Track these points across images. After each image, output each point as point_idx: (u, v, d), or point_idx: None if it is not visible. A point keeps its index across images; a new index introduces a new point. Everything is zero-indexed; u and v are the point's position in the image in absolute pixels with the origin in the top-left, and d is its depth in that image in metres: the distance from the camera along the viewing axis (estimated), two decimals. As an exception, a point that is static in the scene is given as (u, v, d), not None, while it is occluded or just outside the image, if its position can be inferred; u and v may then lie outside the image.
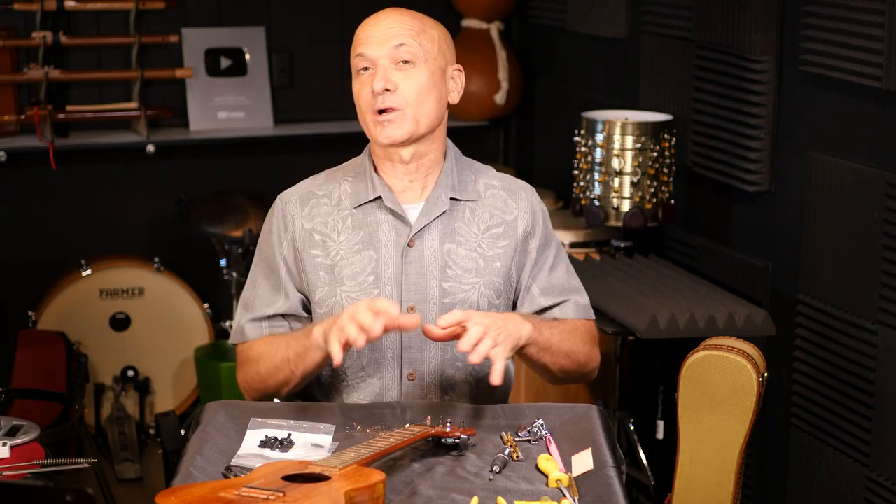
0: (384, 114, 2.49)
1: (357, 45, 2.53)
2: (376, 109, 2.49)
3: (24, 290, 4.72)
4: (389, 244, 2.54)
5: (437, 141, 2.57)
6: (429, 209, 2.55)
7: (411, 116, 2.50)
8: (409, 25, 2.52)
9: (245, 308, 2.61)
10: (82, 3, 4.66)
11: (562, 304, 2.63)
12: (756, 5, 3.63)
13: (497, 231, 2.59)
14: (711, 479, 2.91)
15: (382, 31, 2.51)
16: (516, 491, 2.14)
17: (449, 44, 2.59)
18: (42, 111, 4.55)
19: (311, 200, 2.59)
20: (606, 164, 3.87)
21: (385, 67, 2.49)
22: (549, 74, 4.99)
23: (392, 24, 2.52)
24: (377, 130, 2.51)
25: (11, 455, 2.70)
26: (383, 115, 2.49)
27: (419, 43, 2.51)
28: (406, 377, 2.54)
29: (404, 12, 2.56)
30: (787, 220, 3.63)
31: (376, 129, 2.51)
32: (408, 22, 2.53)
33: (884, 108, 3.23)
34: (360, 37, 2.54)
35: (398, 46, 2.49)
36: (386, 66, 2.49)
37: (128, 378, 4.65)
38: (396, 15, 2.54)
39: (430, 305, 2.53)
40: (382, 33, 2.51)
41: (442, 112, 2.56)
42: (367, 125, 2.53)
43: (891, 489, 3.23)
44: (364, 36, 2.52)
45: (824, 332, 3.47)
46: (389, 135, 2.50)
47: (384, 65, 2.49)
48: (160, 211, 4.92)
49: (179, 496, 1.94)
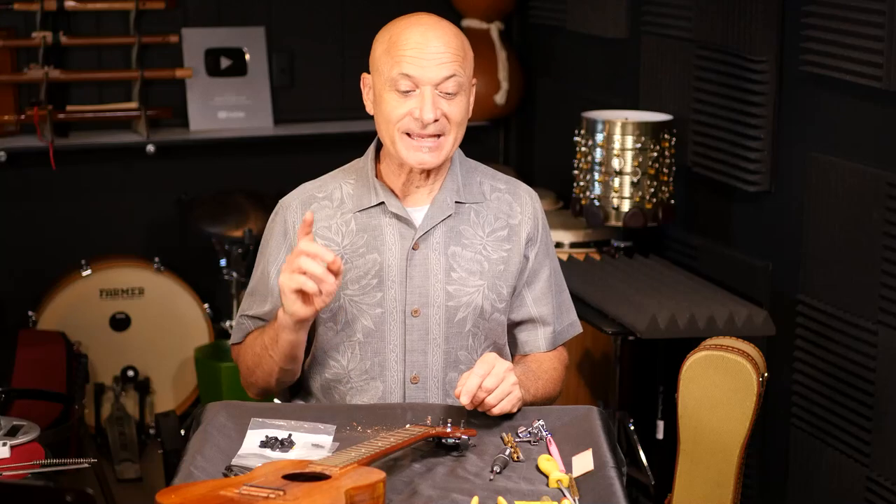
0: (424, 139, 2.46)
1: (401, 61, 2.43)
2: (414, 133, 2.45)
3: (24, 290, 4.72)
4: (394, 247, 2.53)
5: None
6: (434, 213, 2.54)
7: (450, 143, 2.48)
8: (457, 51, 2.45)
9: (240, 313, 2.63)
10: (82, 3, 4.66)
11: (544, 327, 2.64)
12: (756, 5, 3.63)
13: (502, 234, 2.58)
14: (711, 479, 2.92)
15: (433, 55, 2.43)
16: (517, 491, 2.14)
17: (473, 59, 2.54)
18: (42, 111, 4.55)
19: (312, 204, 2.57)
20: (606, 164, 3.87)
21: (433, 96, 2.43)
22: (549, 74, 4.99)
23: (442, 50, 2.43)
24: (409, 153, 2.46)
25: (11, 455, 2.70)
26: (422, 140, 2.46)
27: (464, 70, 2.46)
28: (409, 380, 2.54)
29: (447, 29, 2.47)
30: (787, 220, 3.63)
31: (409, 151, 2.46)
32: (455, 46, 2.45)
33: (884, 108, 3.23)
34: (405, 53, 2.44)
35: (448, 78, 2.43)
36: (434, 95, 2.44)
37: (128, 378, 4.65)
38: (443, 34, 2.45)
39: (434, 308, 2.53)
40: (433, 57, 2.43)
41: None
42: (395, 142, 2.47)
43: (891, 489, 3.23)
44: (412, 55, 2.43)
45: (824, 332, 3.47)
46: (423, 161, 2.46)
47: (431, 93, 2.43)
48: (160, 211, 4.92)
49: (180, 494, 1.94)
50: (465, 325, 2.54)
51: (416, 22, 2.48)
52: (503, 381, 2.35)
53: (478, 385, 2.32)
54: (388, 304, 2.52)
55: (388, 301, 2.51)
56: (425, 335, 2.53)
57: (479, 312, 2.54)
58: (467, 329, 2.54)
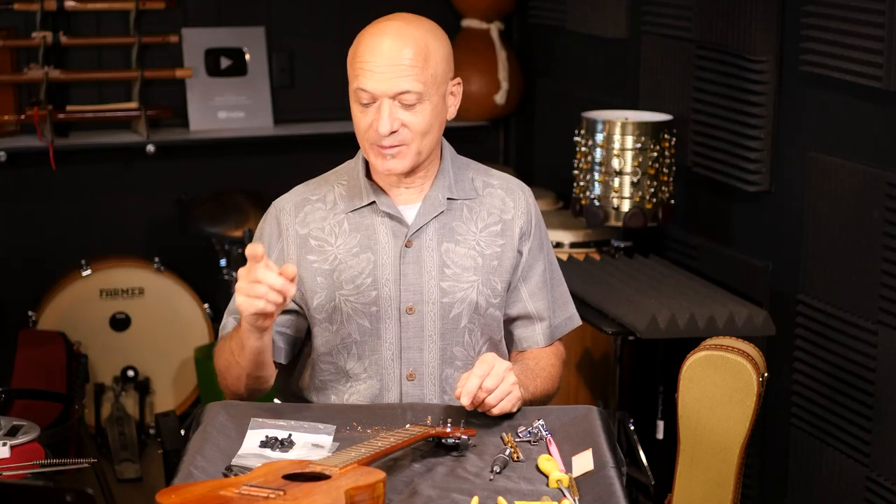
0: (386, 148, 2.46)
1: (358, 73, 2.44)
2: (378, 144, 2.46)
3: (24, 290, 4.73)
4: (387, 245, 2.53)
5: (434, 150, 2.55)
6: (426, 210, 2.55)
7: (415, 150, 2.47)
8: (413, 59, 2.42)
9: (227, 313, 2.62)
10: (82, 3, 4.66)
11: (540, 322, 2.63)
12: (756, 5, 3.63)
13: (495, 229, 2.58)
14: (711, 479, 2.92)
15: (386, 67, 2.41)
16: (517, 491, 2.14)
17: (450, 59, 2.51)
18: (42, 111, 4.55)
19: (306, 207, 2.57)
20: (606, 164, 3.87)
21: (390, 107, 2.43)
22: (549, 74, 4.99)
23: (396, 59, 2.41)
24: (378, 161, 2.48)
25: (11, 455, 2.69)
26: (385, 149, 2.46)
27: (424, 78, 2.43)
28: (405, 377, 2.54)
29: (406, 33, 2.44)
30: (787, 220, 3.63)
31: (378, 160, 2.48)
32: (412, 52, 2.42)
33: (884, 108, 3.23)
34: (360, 65, 2.44)
35: (403, 93, 2.42)
36: (391, 106, 2.43)
37: (128, 378, 4.65)
38: (400, 43, 2.42)
39: (428, 305, 2.53)
40: (386, 70, 2.41)
41: (441, 133, 2.54)
42: (367, 152, 2.50)
43: (891, 489, 3.23)
44: (366, 68, 2.43)
45: (824, 332, 3.47)
46: (390, 167, 2.48)
47: (388, 105, 2.43)
48: (160, 211, 4.92)
49: (180, 494, 1.94)
50: (461, 321, 2.54)
51: (378, 31, 2.46)
52: (503, 381, 2.35)
53: (478, 385, 2.32)
54: (383, 303, 2.52)
55: (383, 299, 2.52)
56: (421, 332, 2.53)
57: (473, 308, 2.54)
58: (462, 325, 2.54)
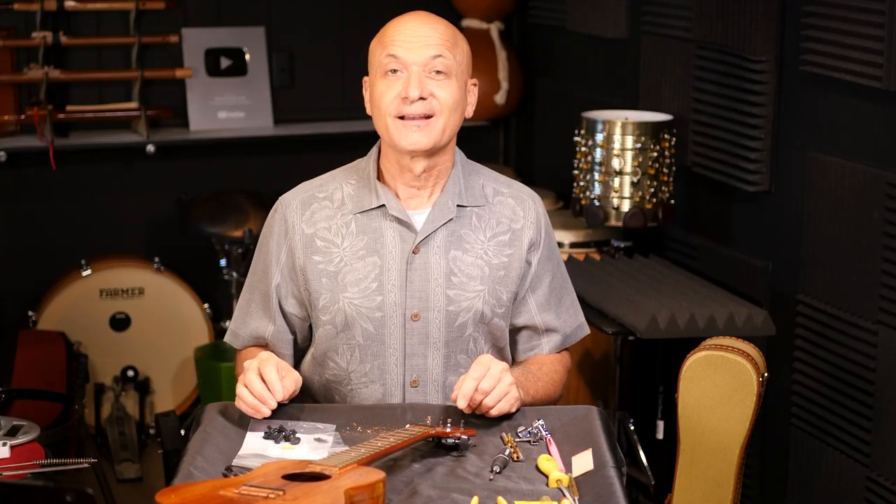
0: (413, 119, 2.46)
1: (388, 44, 2.47)
2: (402, 114, 2.45)
3: (24, 290, 4.72)
4: (394, 250, 2.52)
5: (449, 152, 2.54)
6: (435, 216, 2.53)
7: (440, 126, 2.47)
8: (445, 37, 2.47)
9: (239, 311, 2.63)
10: (82, 3, 4.66)
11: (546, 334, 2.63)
12: (756, 5, 3.63)
13: (503, 239, 2.57)
14: (711, 479, 2.92)
15: (419, 38, 2.46)
16: (516, 491, 2.14)
17: (470, 58, 2.56)
18: (42, 111, 4.55)
19: (313, 204, 2.56)
20: (606, 164, 3.87)
21: (420, 74, 2.45)
22: (549, 74, 4.99)
23: (429, 32, 2.47)
24: (401, 134, 2.46)
25: (11, 455, 2.69)
26: (412, 120, 2.46)
27: (454, 55, 2.47)
28: (409, 384, 2.53)
29: (438, 20, 2.51)
30: (787, 220, 3.63)
31: (400, 133, 2.46)
32: (443, 32, 2.48)
33: (884, 108, 3.23)
34: (392, 37, 2.47)
35: (435, 57, 2.45)
36: (420, 74, 2.45)
37: (128, 378, 4.65)
38: (432, 22, 2.49)
39: (434, 313, 2.52)
40: (419, 39, 2.45)
41: (461, 124, 2.54)
42: (388, 128, 2.48)
43: (891, 489, 3.23)
44: (398, 38, 2.46)
45: (824, 332, 3.47)
46: (414, 141, 2.46)
47: (418, 72, 2.45)
48: (160, 211, 4.92)
49: (180, 494, 1.94)
50: (466, 329, 2.53)
51: (406, 17, 2.52)
52: (500, 382, 2.34)
53: (474, 388, 2.32)
54: (388, 309, 2.51)
55: (388, 305, 2.51)
56: (425, 339, 2.52)
57: (479, 317, 2.53)
58: (467, 333, 2.53)
